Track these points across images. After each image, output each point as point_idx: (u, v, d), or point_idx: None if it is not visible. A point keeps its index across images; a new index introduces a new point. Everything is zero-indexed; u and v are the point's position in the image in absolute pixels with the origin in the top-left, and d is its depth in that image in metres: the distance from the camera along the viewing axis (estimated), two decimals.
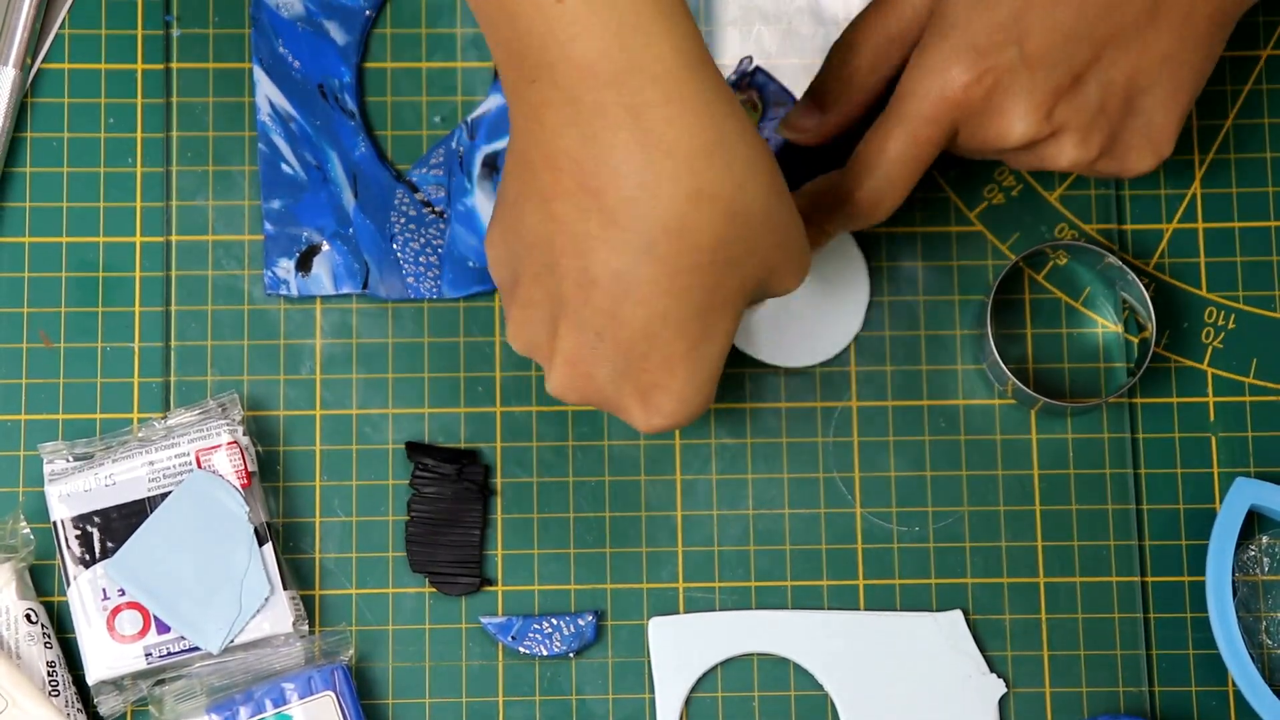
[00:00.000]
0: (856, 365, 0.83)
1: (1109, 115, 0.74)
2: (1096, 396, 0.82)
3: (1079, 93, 0.74)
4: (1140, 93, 0.74)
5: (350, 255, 0.83)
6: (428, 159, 0.84)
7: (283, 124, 0.83)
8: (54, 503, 0.78)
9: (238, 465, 0.78)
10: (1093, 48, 0.73)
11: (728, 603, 0.81)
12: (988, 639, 0.81)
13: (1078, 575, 0.81)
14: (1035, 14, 0.73)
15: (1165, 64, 0.74)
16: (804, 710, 0.80)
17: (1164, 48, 0.74)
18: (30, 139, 0.83)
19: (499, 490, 0.82)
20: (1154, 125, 0.75)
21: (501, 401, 0.82)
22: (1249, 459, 0.82)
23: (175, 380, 0.82)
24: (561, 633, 0.80)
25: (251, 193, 0.83)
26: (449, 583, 0.80)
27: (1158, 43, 0.74)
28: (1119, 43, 0.73)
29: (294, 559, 0.81)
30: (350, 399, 0.82)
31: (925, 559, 0.81)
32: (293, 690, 0.77)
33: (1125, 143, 0.75)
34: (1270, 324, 0.83)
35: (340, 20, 0.84)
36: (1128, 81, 0.74)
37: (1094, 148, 0.75)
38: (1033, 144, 0.75)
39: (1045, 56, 0.73)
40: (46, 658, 0.78)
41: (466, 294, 0.82)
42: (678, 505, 0.81)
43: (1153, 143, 0.75)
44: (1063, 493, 0.82)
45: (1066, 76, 0.73)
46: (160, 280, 0.83)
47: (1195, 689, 0.80)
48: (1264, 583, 0.81)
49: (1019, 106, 0.73)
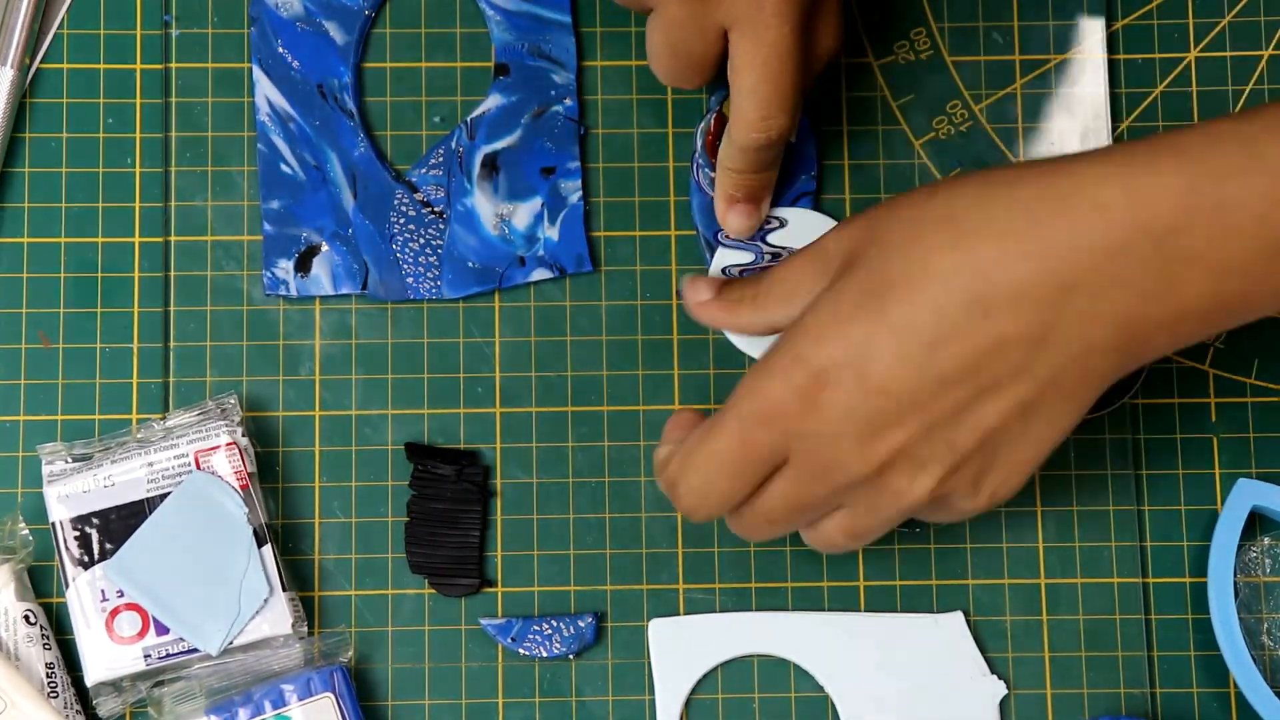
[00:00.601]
0: None
1: (956, 453, 0.68)
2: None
3: (928, 432, 0.68)
4: (995, 435, 0.68)
5: (349, 256, 0.82)
6: (427, 159, 0.83)
7: (282, 124, 0.83)
8: (53, 504, 0.78)
9: (237, 466, 0.78)
10: (950, 388, 0.67)
11: (728, 604, 0.81)
12: (988, 640, 0.81)
13: (1079, 576, 0.81)
14: (882, 342, 0.67)
15: (1026, 414, 0.67)
16: (804, 712, 0.80)
17: (1028, 395, 0.67)
18: (29, 139, 0.83)
19: (499, 491, 0.81)
20: (1004, 467, 0.69)
21: (501, 402, 0.82)
22: (1250, 460, 0.82)
23: (174, 381, 0.82)
24: (561, 634, 0.79)
25: (250, 193, 0.83)
26: (448, 584, 0.80)
27: (1021, 390, 0.67)
28: (985, 387, 0.67)
29: (293, 560, 0.81)
30: (349, 400, 0.82)
31: (926, 560, 0.81)
32: (292, 692, 0.77)
33: (965, 482, 0.69)
34: (1272, 325, 0.83)
35: (339, 20, 0.84)
36: (984, 426, 0.67)
37: (925, 484, 0.68)
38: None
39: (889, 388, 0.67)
40: (45, 659, 0.78)
41: (466, 294, 0.82)
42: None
43: (993, 484, 0.69)
44: (1064, 493, 0.82)
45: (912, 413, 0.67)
46: (159, 281, 0.82)
47: (1197, 690, 0.80)
48: (1265, 584, 0.81)
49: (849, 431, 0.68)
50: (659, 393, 0.82)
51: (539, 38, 0.84)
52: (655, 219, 0.83)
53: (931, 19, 0.85)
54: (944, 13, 0.85)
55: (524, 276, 0.83)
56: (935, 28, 0.85)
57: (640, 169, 0.84)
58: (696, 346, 0.82)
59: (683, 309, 0.79)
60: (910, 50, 0.85)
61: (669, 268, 0.83)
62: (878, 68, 0.85)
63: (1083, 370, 0.67)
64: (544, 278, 0.83)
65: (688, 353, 0.82)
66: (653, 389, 0.82)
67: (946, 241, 0.66)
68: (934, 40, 0.85)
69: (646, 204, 0.83)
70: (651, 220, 0.83)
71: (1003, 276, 0.65)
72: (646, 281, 0.83)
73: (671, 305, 0.83)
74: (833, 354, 0.67)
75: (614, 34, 0.85)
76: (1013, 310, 0.65)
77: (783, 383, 0.68)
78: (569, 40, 0.84)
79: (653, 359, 0.82)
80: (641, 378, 0.82)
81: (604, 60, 0.85)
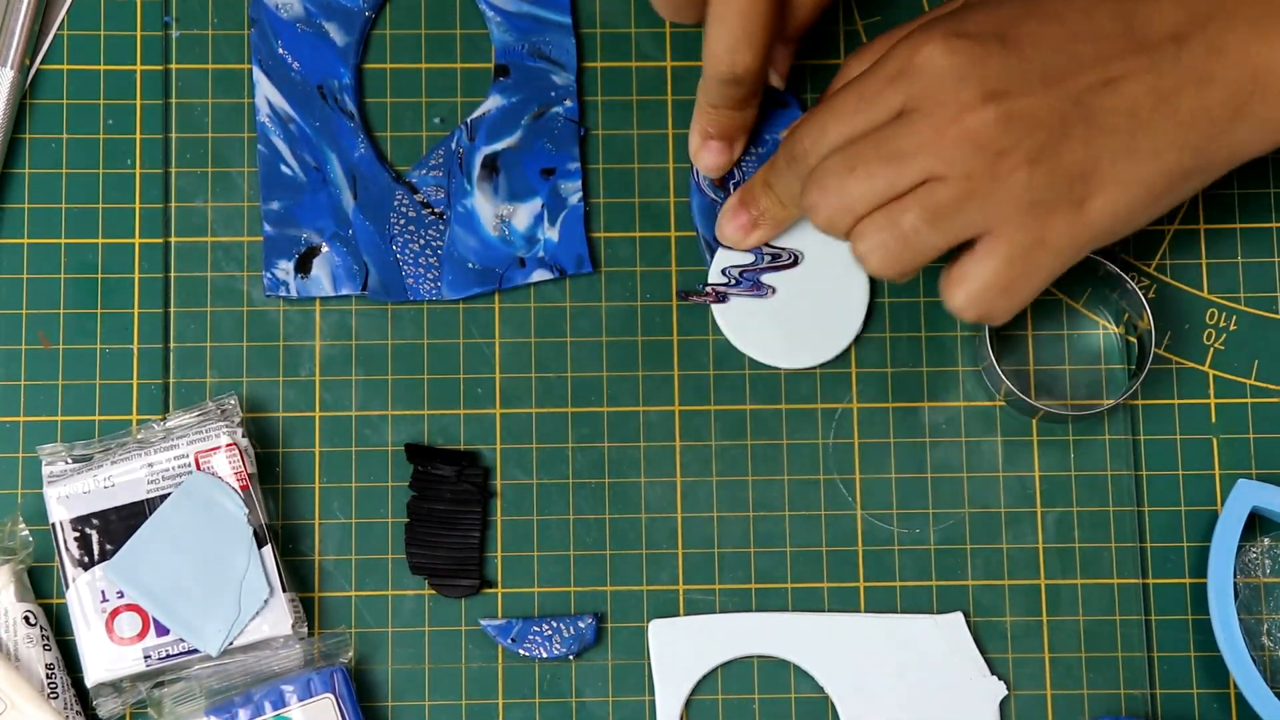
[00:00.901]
0: (857, 367, 0.82)
1: (1066, 127, 0.72)
2: (1096, 399, 0.82)
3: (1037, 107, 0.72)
4: (1111, 122, 0.72)
5: (349, 256, 0.82)
6: (427, 160, 0.83)
7: (282, 125, 0.83)
8: (53, 505, 0.78)
9: (237, 467, 0.78)
10: (1083, 68, 0.72)
11: (728, 605, 0.81)
12: (988, 641, 0.81)
13: (1079, 577, 0.81)
14: (1029, 19, 0.72)
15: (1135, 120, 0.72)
16: (804, 712, 0.80)
17: (1157, 83, 0.72)
18: (29, 140, 0.83)
19: (498, 492, 0.81)
20: (1106, 174, 0.72)
21: (501, 403, 0.82)
22: (1250, 461, 0.82)
23: (174, 382, 0.82)
24: (561, 635, 0.79)
25: (251, 194, 0.83)
26: (448, 585, 0.80)
27: (1151, 77, 0.72)
28: (1114, 77, 0.72)
29: (293, 561, 0.81)
30: (350, 400, 0.82)
31: (926, 561, 0.81)
32: (292, 692, 0.77)
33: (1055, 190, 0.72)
34: (1272, 325, 0.83)
35: (340, 21, 0.84)
36: (1105, 106, 0.72)
37: (1027, 148, 0.71)
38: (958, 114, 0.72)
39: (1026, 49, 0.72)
40: (45, 660, 0.78)
41: (466, 295, 0.82)
42: (678, 507, 0.81)
43: (1090, 190, 0.73)
44: (1064, 494, 0.82)
45: (1037, 81, 0.71)
46: (159, 282, 0.83)
47: (1197, 691, 0.80)
48: (1265, 585, 0.81)
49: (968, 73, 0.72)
50: (659, 394, 0.82)
51: (539, 39, 0.84)
52: (655, 220, 0.83)
53: None
54: None
55: (524, 277, 0.83)
56: None
57: (640, 170, 0.84)
58: (696, 347, 0.82)
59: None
60: None
61: (669, 269, 0.83)
62: None
63: (1197, 101, 0.72)
64: (544, 279, 0.83)
65: (687, 353, 0.82)
66: (652, 390, 0.82)
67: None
68: None
69: (646, 205, 0.83)
70: (651, 221, 0.83)
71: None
72: (646, 282, 0.83)
73: (671, 306, 0.83)
74: (978, 22, 0.72)
75: (614, 35, 0.85)
76: (1150, 20, 0.71)
77: (921, 33, 0.72)
78: (569, 41, 0.84)
79: (652, 360, 0.82)
80: (641, 379, 0.82)
81: (604, 61, 0.85)
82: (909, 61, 0.72)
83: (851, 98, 0.74)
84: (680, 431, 0.82)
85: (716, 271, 0.82)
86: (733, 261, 0.82)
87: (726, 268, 0.82)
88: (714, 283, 0.82)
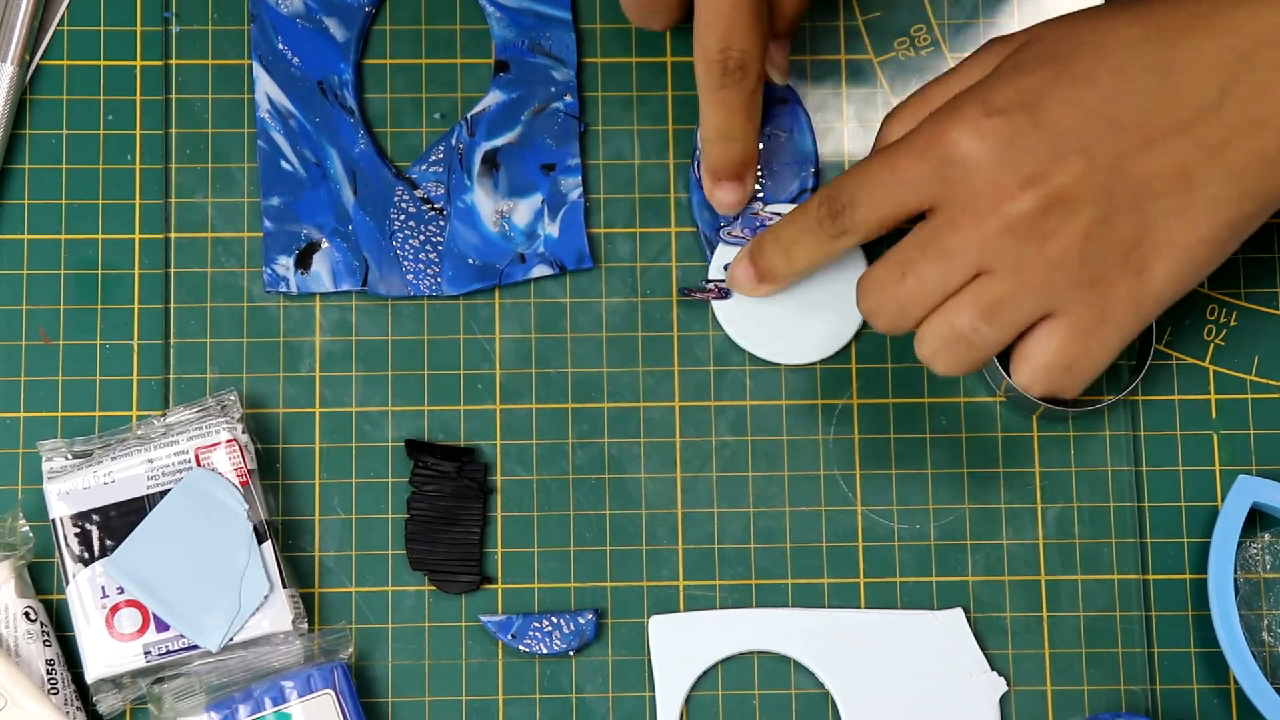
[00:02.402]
0: (857, 362, 0.82)
1: (1112, 200, 0.69)
2: (1097, 394, 0.82)
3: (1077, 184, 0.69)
4: (1153, 193, 0.70)
5: (350, 252, 0.82)
6: (427, 156, 0.83)
7: (282, 121, 0.83)
8: (53, 500, 0.78)
9: (237, 463, 0.78)
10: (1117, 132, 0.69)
11: (728, 601, 0.81)
12: (989, 637, 0.81)
13: (1079, 573, 0.81)
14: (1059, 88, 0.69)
15: (1187, 181, 0.69)
16: (804, 708, 0.80)
17: (1191, 158, 0.69)
18: (29, 136, 0.83)
19: (499, 488, 0.81)
20: (1159, 238, 0.70)
21: (501, 399, 0.82)
22: (1251, 456, 0.82)
23: (174, 378, 0.82)
24: (561, 631, 0.79)
25: (250, 190, 0.83)
26: (449, 581, 0.80)
27: (1185, 148, 0.69)
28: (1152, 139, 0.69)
29: (293, 557, 0.81)
30: (350, 396, 0.82)
31: (926, 557, 0.81)
32: (292, 688, 0.77)
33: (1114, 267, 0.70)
34: (1272, 321, 0.83)
35: (340, 17, 0.84)
36: (1143, 174, 0.69)
37: (1075, 228, 0.69)
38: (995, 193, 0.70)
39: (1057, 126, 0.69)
40: (45, 656, 0.78)
41: (466, 291, 0.82)
42: (678, 503, 0.81)
43: (1145, 256, 0.70)
44: (1064, 490, 0.82)
45: (1077, 158, 0.69)
46: (159, 277, 0.82)
47: (1197, 687, 0.80)
48: (1266, 580, 0.81)
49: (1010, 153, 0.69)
50: (659, 389, 0.82)
51: (539, 34, 0.84)
52: (655, 216, 0.83)
53: (932, 15, 0.85)
54: (944, 9, 0.85)
55: (524, 273, 0.83)
56: (935, 24, 0.85)
57: (640, 166, 0.84)
58: (696, 343, 0.82)
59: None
60: (910, 47, 0.85)
61: (669, 265, 0.83)
62: (878, 64, 0.85)
63: (1251, 147, 0.69)
64: (544, 274, 0.83)
65: (687, 350, 0.82)
66: (652, 386, 0.82)
67: (1135, 19, 0.70)
68: (934, 36, 0.85)
69: (646, 201, 0.83)
70: (652, 217, 0.83)
71: (1186, 41, 0.68)
72: (646, 278, 0.83)
73: (671, 302, 0.83)
74: (1006, 94, 0.69)
75: (614, 30, 0.85)
76: (1190, 70, 0.68)
77: (948, 112, 0.70)
78: (569, 37, 0.84)
79: (652, 356, 0.82)
80: (641, 374, 0.82)
81: (604, 57, 0.85)
82: (938, 143, 0.70)
83: (884, 173, 0.72)
84: (680, 427, 0.82)
85: (717, 267, 0.82)
86: (733, 258, 0.82)
87: (727, 264, 0.82)
88: (715, 279, 0.82)
